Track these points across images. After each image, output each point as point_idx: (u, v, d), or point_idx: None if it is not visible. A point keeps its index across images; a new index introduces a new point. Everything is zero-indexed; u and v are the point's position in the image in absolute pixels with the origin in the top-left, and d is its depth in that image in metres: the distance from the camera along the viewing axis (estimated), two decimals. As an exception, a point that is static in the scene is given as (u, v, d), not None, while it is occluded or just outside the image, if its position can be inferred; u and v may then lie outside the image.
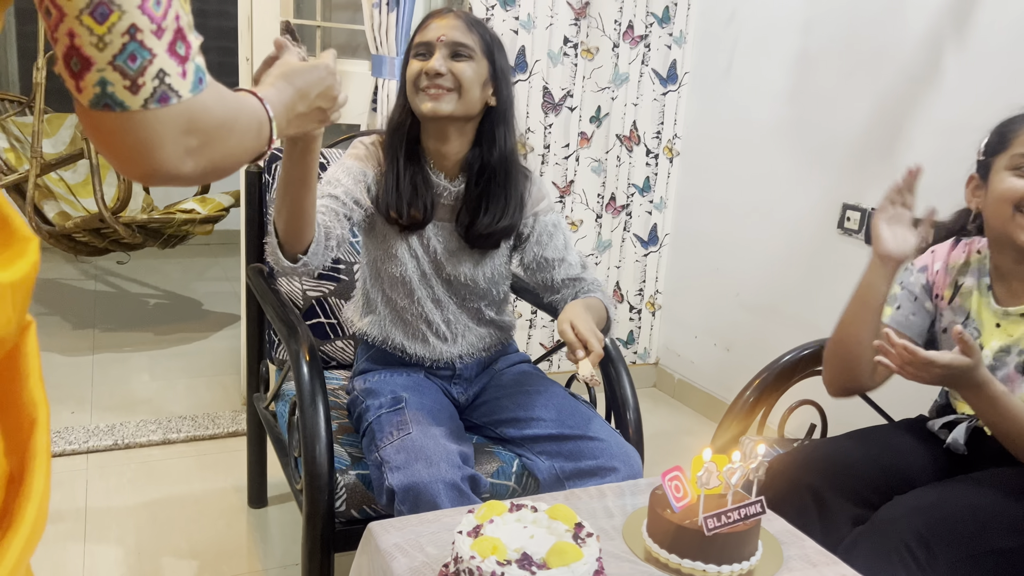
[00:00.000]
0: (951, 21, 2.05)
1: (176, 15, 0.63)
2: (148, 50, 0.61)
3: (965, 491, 1.29)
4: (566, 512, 1.02)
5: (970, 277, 1.46)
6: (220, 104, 0.69)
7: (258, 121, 0.81)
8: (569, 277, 1.61)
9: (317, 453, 1.38)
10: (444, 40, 1.44)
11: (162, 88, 0.62)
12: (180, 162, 0.65)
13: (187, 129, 0.65)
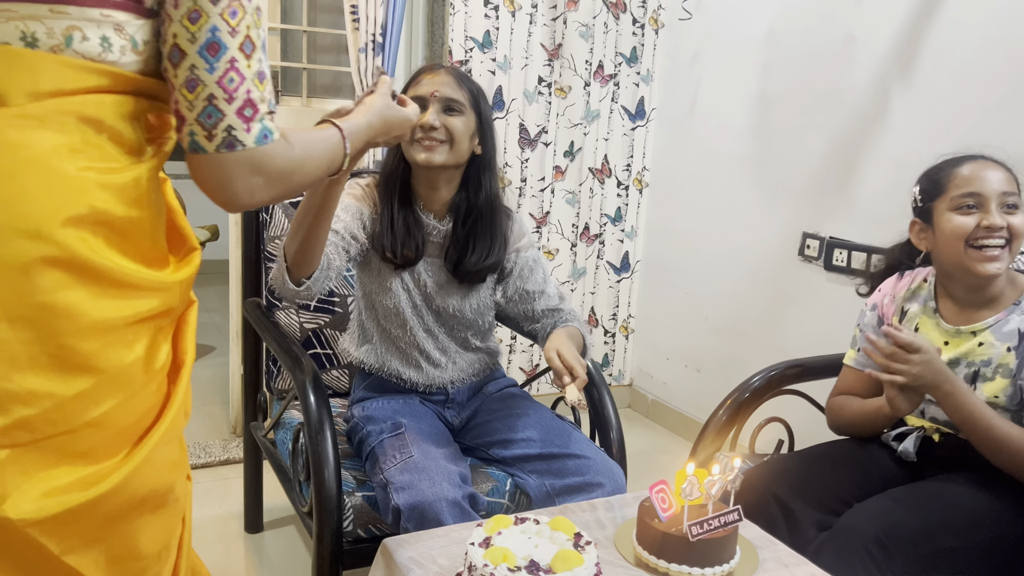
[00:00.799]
0: (897, 65, 2.23)
1: (248, 91, 0.85)
2: (220, 112, 0.84)
3: (916, 498, 1.43)
4: (566, 523, 1.14)
5: (916, 303, 1.62)
6: (286, 154, 0.91)
7: (332, 154, 1.07)
8: (548, 308, 1.75)
9: (326, 477, 1.48)
10: (438, 96, 1.56)
11: (229, 138, 0.85)
12: (249, 195, 0.89)
13: (252, 170, 0.87)
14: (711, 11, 2.81)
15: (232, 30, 0.83)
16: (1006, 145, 1.97)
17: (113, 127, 0.83)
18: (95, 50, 0.81)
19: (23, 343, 0.77)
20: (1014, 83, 1.96)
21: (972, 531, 1.38)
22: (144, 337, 0.87)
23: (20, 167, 0.76)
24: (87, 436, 0.82)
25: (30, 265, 0.76)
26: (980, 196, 1.47)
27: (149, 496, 0.90)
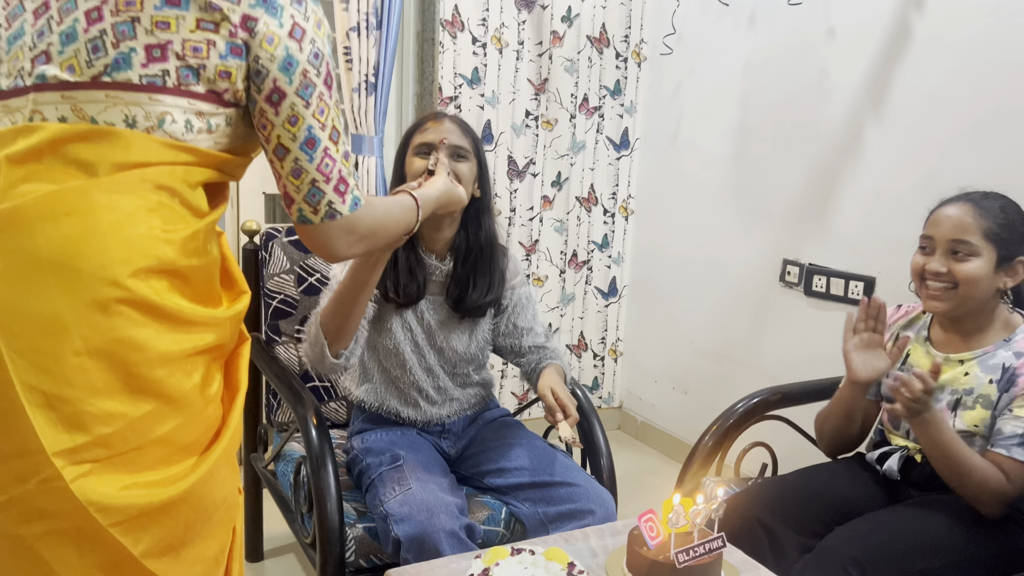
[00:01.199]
0: (868, 98, 2.32)
1: (339, 170, 1.06)
2: (321, 192, 1.06)
3: (894, 520, 1.51)
4: (560, 554, 1.20)
5: (911, 331, 1.70)
6: (371, 216, 1.14)
7: (407, 215, 1.34)
8: (535, 345, 1.84)
9: (328, 510, 1.54)
10: (446, 143, 1.64)
11: (330, 210, 1.07)
12: (347, 249, 1.14)
13: (348, 231, 1.10)
14: (691, 46, 2.91)
15: (322, 125, 1.03)
16: (973, 175, 2.07)
17: (182, 193, 0.99)
18: (180, 130, 0.98)
19: (101, 372, 0.92)
20: (979, 116, 2.05)
21: (945, 553, 1.46)
22: (201, 367, 1.02)
23: (103, 226, 0.92)
24: (154, 451, 0.97)
25: (107, 306, 0.91)
26: (932, 240, 1.56)
27: (212, 505, 1.04)
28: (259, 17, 0.98)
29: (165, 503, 0.96)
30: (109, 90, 0.95)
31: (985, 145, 2.05)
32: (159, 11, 0.95)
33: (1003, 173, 2.01)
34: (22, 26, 0.98)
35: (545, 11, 2.88)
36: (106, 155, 0.94)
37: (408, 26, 2.78)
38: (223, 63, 0.98)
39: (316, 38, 1.02)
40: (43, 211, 0.91)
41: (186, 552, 1.02)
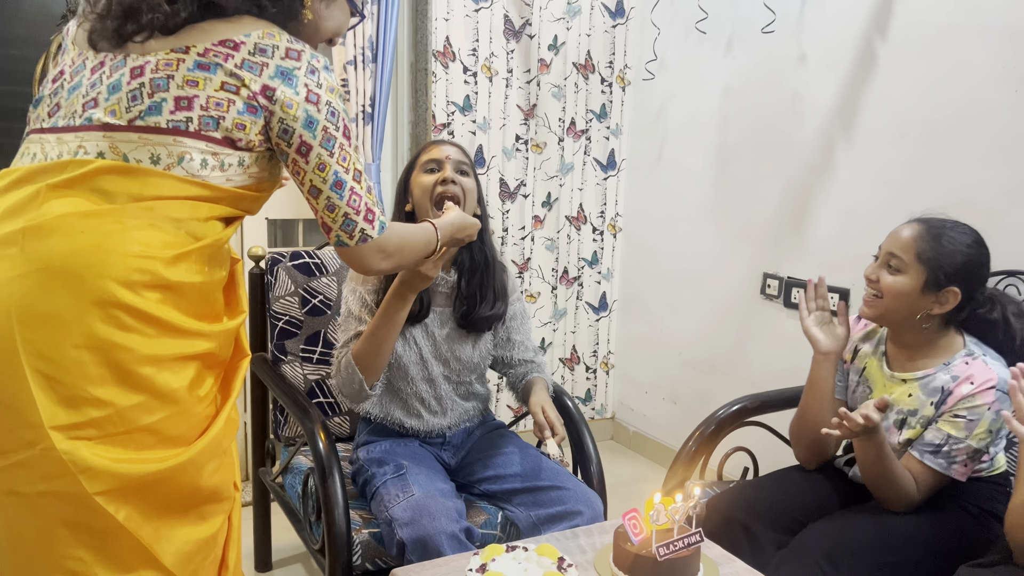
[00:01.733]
0: (839, 120, 2.46)
1: (366, 203, 1.28)
2: (354, 222, 1.28)
3: (861, 518, 1.63)
4: (551, 550, 1.32)
5: (868, 344, 1.82)
6: (397, 236, 1.39)
7: (428, 239, 1.54)
8: (524, 359, 1.98)
9: (336, 517, 1.65)
10: (452, 159, 1.80)
11: (363, 236, 1.30)
12: (379, 264, 1.36)
13: (378, 251, 1.34)
14: (672, 71, 3.05)
15: (346, 169, 1.25)
16: (935, 193, 2.21)
17: (189, 223, 1.18)
18: (195, 168, 1.18)
19: (95, 364, 1.10)
20: (939, 137, 2.19)
21: (908, 547, 1.58)
22: (191, 369, 1.19)
23: (107, 245, 1.11)
24: (142, 437, 1.14)
25: (103, 310, 1.10)
26: (879, 251, 1.69)
27: (196, 491, 1.21)
28: (277, 87, 1.18)
29: (147, 477, 1.14)
30: (141, 132, 1.16)
31: (945, 165, 2.18)
32: (191, 72, 1.17)
33: (961, 190, 2.15)
34: (80, 80, 1.20)
35: (532, 40, 3.02)
36: (126, 188, 1.15)
37: (402, 58, 2.91)
38: (239, 118, 1.18)
39: (331, 100, 1.22)
40: (61, 228, 1.10)
41: (173, 530, 1.20)
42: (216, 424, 1.24)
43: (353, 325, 1.81)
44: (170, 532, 1.20)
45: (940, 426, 1.60)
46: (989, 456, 1.64)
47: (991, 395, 1.56)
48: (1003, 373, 1.59)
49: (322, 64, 1.24)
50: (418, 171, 1.83)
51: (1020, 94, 2.01)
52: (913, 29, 2.24)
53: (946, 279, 1.60)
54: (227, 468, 1.30)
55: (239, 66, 1.17)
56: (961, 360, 1.62)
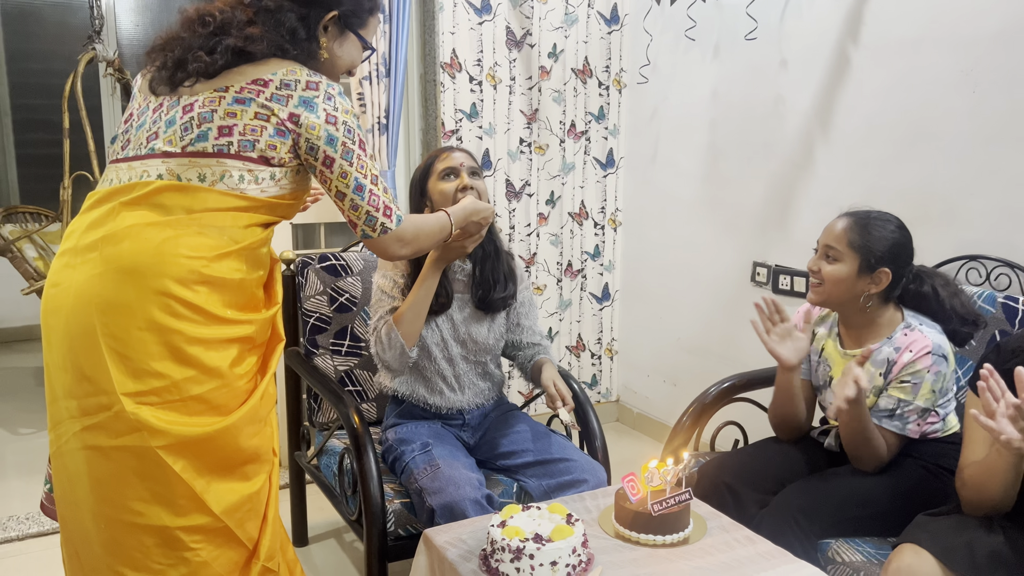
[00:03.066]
0: (817, 121, 2.67)
1: (384, 201, 1.54)
2: (375, 217, 1.54)
3: (832, 479, 1.85)
4: (560, 508, 1.55)
5: (824, 327, 2.04)
6: (413, 227, 1.62)
7: (442, 226, 1.75)
8: (532, 342, 2.22)
9: (372, 489, 1.89)
10: (465, 166, 2.03)
11: (383, 228, 1.55)
12: (399, 251, 1.61)
13: (397, 239, 1.58)
14: (664, 76, 3.26)
15: (364, 175, 1.50)
16: (904, 186, 2.42)
17: (231, 229, 1.44)
18: (235, 183, 1.44)
19: (155, 344, 1.38)
20: (905, 137, 2.40)
21: (874, 503, 1.80)
22: (234, 350, 1.46)
23: (163, 248, 1.39)
24: (194, 405, 1.41)
25: (160, 300, 1.37)
26: (819, 243, 1.91)
27: (238, 451, 1.47)
28: (300, 114, 1.44)
29: (197, 437, 1.41)
30: (191, 156, 1.43)
31: (911, 161, 2.39)
32: (230, 106, 1.44)
33: (925, 183, 2.36)
34: (144, 119, 1.51)
35: (533, 49, 3.23)
36: (180, 202, 1.42)
37: (412, 70, 3.12)
38: (271, 140, 1.45)
39: (346, 120, 1.48)
40: (129, 235, 1.38)
41: (222, 483, 1.46)
42: (254, 397, 1.50)
43: (387, 302, 2.04)
44: (219, 485, 1.46)
45: (890, 392, 1.82)
46: (939, 416, 1.86)
47: (928, 359, 1.79)
48: (937, 339, 1.82)
49: (337, 91, 1.48)
50: (436, 178, 2.04)
51: (976, 96, 2.22)
52: (881, 37, 2.45)
53: (876, 262, 1.83)
54: (266, 435, 1.55)
55: (269, 99, 1.43)
56: (901, 332, 1.85)
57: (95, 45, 3.78)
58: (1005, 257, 2.16)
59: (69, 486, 1.44)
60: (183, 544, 1.44)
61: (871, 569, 1.69)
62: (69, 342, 1.39)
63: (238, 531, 1.49)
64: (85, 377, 1.38)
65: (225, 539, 1.48)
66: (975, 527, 1.54)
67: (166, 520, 1.42)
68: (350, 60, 1.62)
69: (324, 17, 1.53)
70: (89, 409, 1.39)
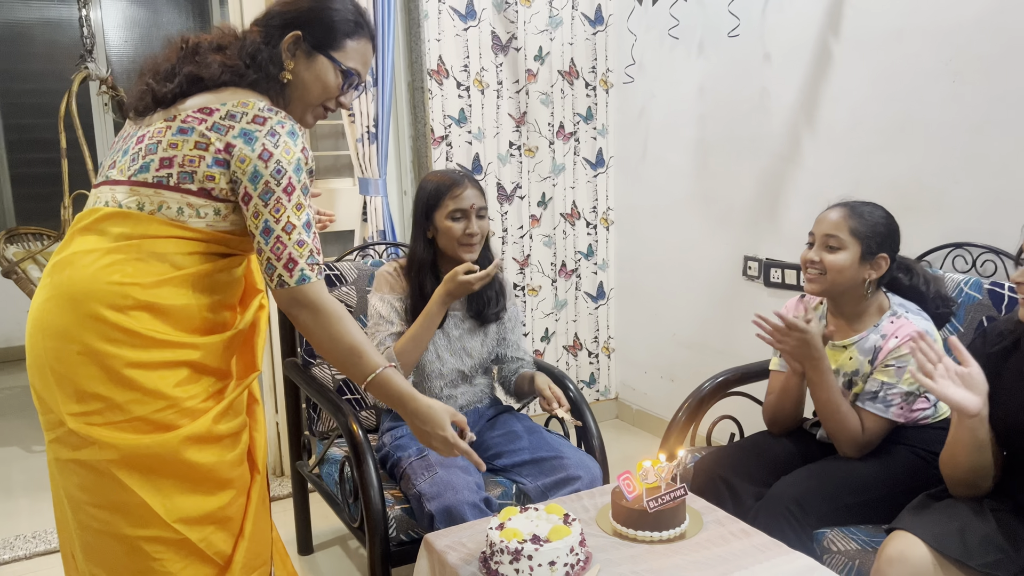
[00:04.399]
0: (803, 114, 2.69)
1: (290, 252, 1.43)
2: (273, 267, 1.43)
3: (825, 469, 1.87)
4: (557, 508, 1.57)
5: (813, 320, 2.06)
6: (318, 297, 1.47)
7: (358, 366, 1.55)
8: (516, 356, 2.26)
9: (372, 496, 1.91)
10: (475, 207, 2.06)
11: (280, 281, 1.44)
12: (293, 312, 1.47)
13: (291, 299, 1.46)
14: (650, 74, 3.28)
15: (276, 220, 1.41)
16: (888, 177, 2.44)
17: (172, 256, 1.43)
18: (173, 214, 1.43)
19: (92, 367, 1.38)
20: (890, 127, 2.42)
21: (865, 490, 1.82)
22: (180, 372, 1.44)
23: (98, 274, 1.39)
24: (139, 425, 1.41)
25: (94, 326, 1.38)
26: (813, 236, 1.93)
27: (192, 467, 1.44)
28: (237, 144, 1.41)
29: (145, 452, 1.41)
30: (133, 186, 1.44)
31: (896, 150, 2.41)
32: (174, 137, 1.43)
33: (910, 172, 2.38)
34: (117, 146, 1.53)
35: (519, 52, 3.25)
36: (120, 229, 1.43)
37: (399, 78, 3.15)
38: (209, 171, 1.42)
39: (281, 160, 1.41)
40: (72, 262, 1.41)
41: (183, 498, 1.45)
42: (204, 417, 1.46)
43: (385, 328, 2.07)
44: (179, 498, 1.46)
45: (875, 376, 1.86)
46: (929, 403, 1.88)
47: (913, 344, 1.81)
48: (923, 325, 1.85)
49: (286, 129, 1.42)
50: (444, 212, 2.05)
51: (957, 85, 2.24)
52: (862, 29, 2.47)
53: (877, 247, 1.87)
54: (227, 454, 1.51)
55: (209, 128, 1.41)
56: (887, 320, 1.89)
57: (88, 64, 3.80)
58: (990, 244, 2.18)
59: (55, 492, 1.53)
60: (146, 554, 1.46)
61: (866, 556, 1.71)
62: (29, 364, 1.46)
63: (202, 545, 1.48)
64: (40, 397, 1.45)
65: (189, 552, 1.48)
66: (966, 512, 1.56)
67: (126, 530, 1.45)
68: (322, 86, 1.53)
69: (286, 37, 1.49)
70: (50, 425, 1.46)
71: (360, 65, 1.56)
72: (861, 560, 1.70)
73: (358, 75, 1.57)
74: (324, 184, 3.15)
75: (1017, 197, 2.14)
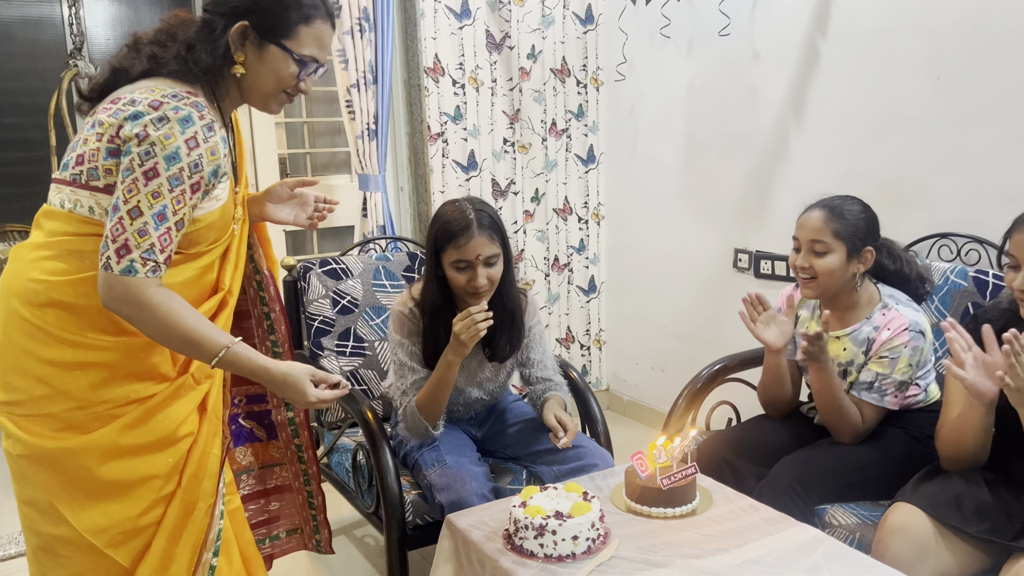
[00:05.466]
0: (791, 110, 2.79)
1: (127, 239, 1.34)
2: (107, 246, 1.35)
3: (824, 450, 1.97)
4: (575, 487, 1.64)
5: (806, 310, 2.15)
6: (147, 292, 1.37)
7: (199, 346, 1.43)
8: (543, 377, 2.16)
9: (389, 481, 1.97)
10: (481, 257, 1.91)
11: (106, 263, 1.36)
12: (108, 301, 1.37)
13: (106, 285, 1.37)
14: (640, 72, 3.37)
15: (126, 200, 1.34)
16: (875, 170, 2.54)
17: (89, 255, 1.39)
18: (86, 212, 1.41)
19: (14, 358, 1.41)
20: (875, 123, 2.52)
21: (863, 469, 1.92)
22: (92, 374, 1.41)
23: (21, 271, 1.42)
24: (51, 422, 1.42)
25: (16, 321, 1.41)
26: (799, 241, 1.99)
27: (90, 474, 1.42)
28: (125, 126, 1.36)
29: (50, 452, 1.41)
30: (58, 184, 1.44)
31: (881, 145, 2.51)
32: (86, 132, 1.41)
33: (896, 167, 2.48)
34: None
35: (512, 51, 3.32)
36: (49, 226, 1.43)
37: (396, 76, 3.20)
38: (105, 163, 1.38)
39: (155, 144, 1.34)
40: (14, 256, 1.45)
41: (91, 502, 1.43)
42: (113, 424, 1.42)
43: (408, 375, 2.04)
44: (88, 503, 1.43)
45: (870, 367, 1.94)
46: (921, 388, 1.98)
47: (905, 335, 1.91)
48: (914, 316, 1.94)
49: (180, 116, 1.35)
50: (449, 260, 1.93)
51: (940, 82, 2.34)
52: (848, 28, 2.57)
53: (861, 243, 1.94)
54: (136, 464, 1.45)
55: (110, 115, 1.38)
56: (879, 312, 1.97)
57: (77, 62, 3.80)
58: (974, 233, 2.29)
59: None
60: (56, 551, 1.46)
61: (866, 530, 1.80)
62: None
63: (109, 551, 1.45)
64: None
65: (96, 557, 1.45)
66: (961, 483, 1.66)
67: (38, 525, 1.46)
68: (276, 77, 1.46)
69: (232, 28, 1.43)
70: None
71: (317, 50, 1.48)
72: (861, 532, 1.80)
73: (315, 61, 1.49)
74: (322, 180, 3.20)
75: (998, 189, 2.24)
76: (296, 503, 2.05)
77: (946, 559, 1.60)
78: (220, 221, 1.50)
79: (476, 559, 1.61)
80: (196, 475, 1.51)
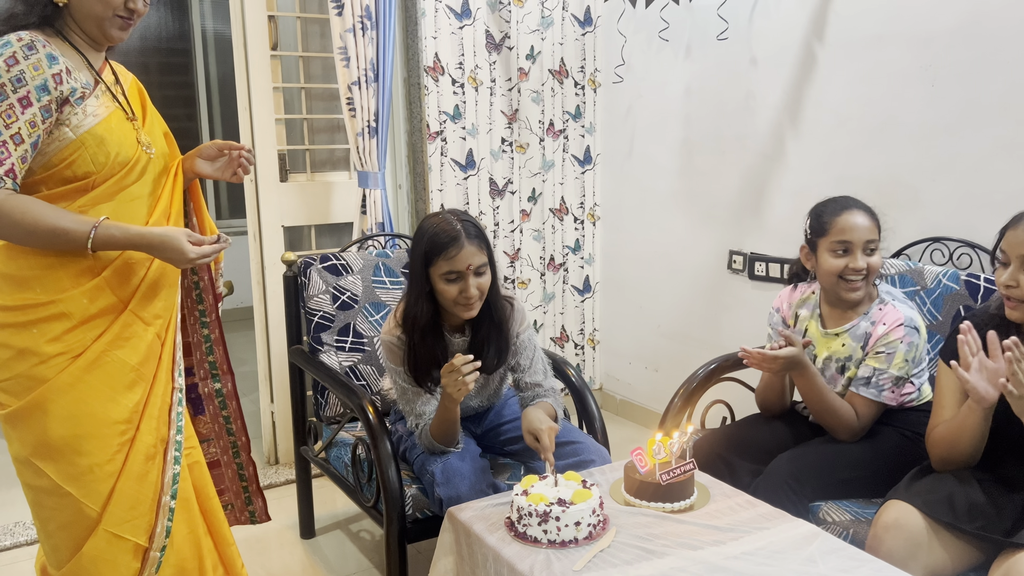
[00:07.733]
0: (787, 114, 2.83)
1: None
2: None
3: (818, 447, 2.00)
4: (575, 476, 1.67)
5: (805, 309, 2.18)
6: None
7: (67, 233, 1.51)
8: (532, 382, 2.12)
9: (389, 475, 1.98)
10: (472, 267, 1.90)
11: None
12: None
13: None
14: (638, 74, 3.40)
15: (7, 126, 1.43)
16: (870, 174, 2.58)
17: None
18: None
19: None
20: (870, 128, 2.56)
21: (857, 467, 1.95)
22: (47, 328, 1.54)
23: None
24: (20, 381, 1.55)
25: None
26: (850, 244, 1.97)
27: (45, 431, 1.56)
28: None
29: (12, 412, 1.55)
30: None
31: (876, 150, 2.56)
32: None
33: (890, 171, 2.53)
34: None
35: (512, 51, 3.35)
36: None
37: (396, 74, 3.22)
38: None
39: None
40: None
41: (26, 467, 1.58)
42: (70, 369, 1.55)
43: (414, 399, 2.05)
44: (24, 468, 1.59)
45: (867, 362, 1.98)
46: (915, 387, 2.02)
47: (901, 331, 1.95)
48: (909, 313, 1.98)
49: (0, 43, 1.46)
50: (439, 273, 1.92)
51: (935, 88, 2.39)
52: (846, 35, 2.61)
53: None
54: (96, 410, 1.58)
55: None
56: (876, 308, 2.02)
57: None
58: (966, 238, 2.33)
59: None
60: (43, 503, 1.60)
61: (859, 526, 1.83)
62: None
63: (84, 499, 1.58)
64: None
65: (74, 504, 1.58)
66: (954, 482, 1.69)
67: (27, 478, 1.60)
68: None
69: None
70: None
71: None
72: (855, 529, 1.83)
73: None
74: (322, 178, 3.21)
75: (991, 194, 2.29)
76: (226, 478, 2.08)
77: (939, 555, 1.63)
78: (113, 139, 1.57)
79: (478, 551, 1.64)
80: (158, 417, 1.66)
